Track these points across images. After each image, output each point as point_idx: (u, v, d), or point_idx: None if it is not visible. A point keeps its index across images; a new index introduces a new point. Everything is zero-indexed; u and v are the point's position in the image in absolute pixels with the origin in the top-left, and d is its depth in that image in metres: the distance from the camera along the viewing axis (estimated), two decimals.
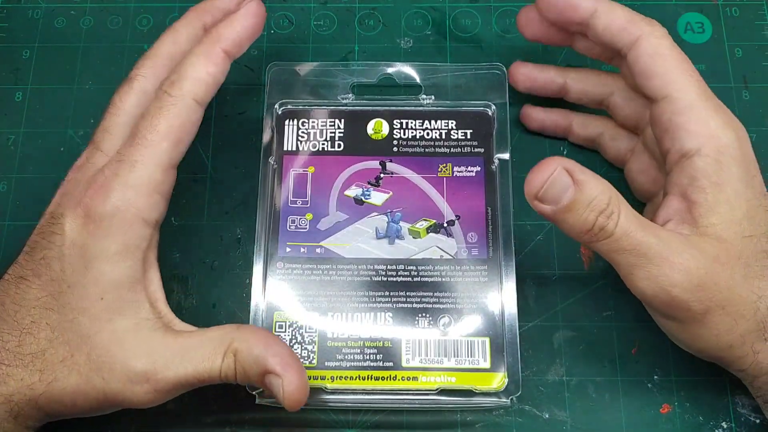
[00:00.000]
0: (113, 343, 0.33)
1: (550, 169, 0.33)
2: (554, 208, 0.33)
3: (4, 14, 0.49)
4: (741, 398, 0.41)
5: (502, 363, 0.39)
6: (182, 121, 0.35)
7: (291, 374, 0.33)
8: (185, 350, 0.34)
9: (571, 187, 0.33)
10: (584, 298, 0.43)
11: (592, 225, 0.33)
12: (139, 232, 0.35)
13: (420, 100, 0.44)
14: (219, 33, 0.37)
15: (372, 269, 0.41)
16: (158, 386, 0.33)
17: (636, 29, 0.37)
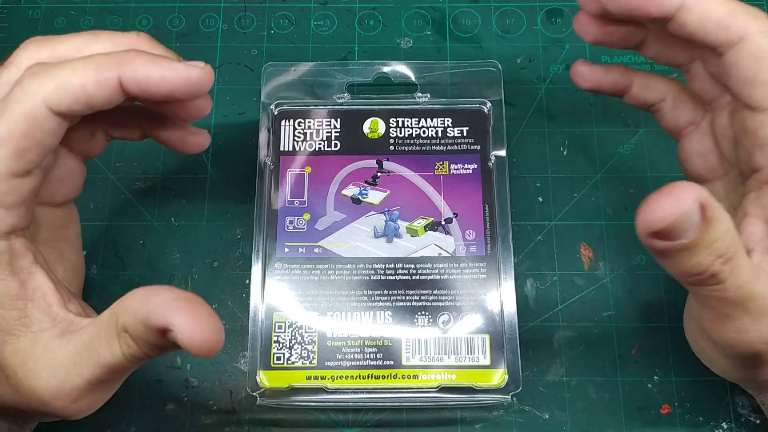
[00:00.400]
0: (17, 365, 0.30)
1: (685, 199, 0.26)
2: (669, 245, 0.27)
3: (4, 14, 0.49)
4: (741, 398, 0.40)
5: (502, 359, 0.39)
6: (28, 127, 0.29)
7: (180, 317, 0.27)
8: (84, 348, 0.29)
9: (697, 224, 0.26)
10: (584, 298, 0.43)
11: (706, 269, 0.27)
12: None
13: (416, 98, 0.44)
14: (131, 59, 0.30)
15: (370, 268, 0.41)
16: (73, 398, 0.30)
17: (739, 25, 0.30)
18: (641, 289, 0.43)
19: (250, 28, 0.49)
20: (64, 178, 0.35)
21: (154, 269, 0.43)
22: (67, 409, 0.30)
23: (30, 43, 0.32)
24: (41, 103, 0.29)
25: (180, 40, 0.48)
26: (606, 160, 0.45)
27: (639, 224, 0.27)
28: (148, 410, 0.41)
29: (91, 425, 0.40)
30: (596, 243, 0.44)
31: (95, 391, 0.31)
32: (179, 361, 0.42)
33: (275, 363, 0.39)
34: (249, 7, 0.49)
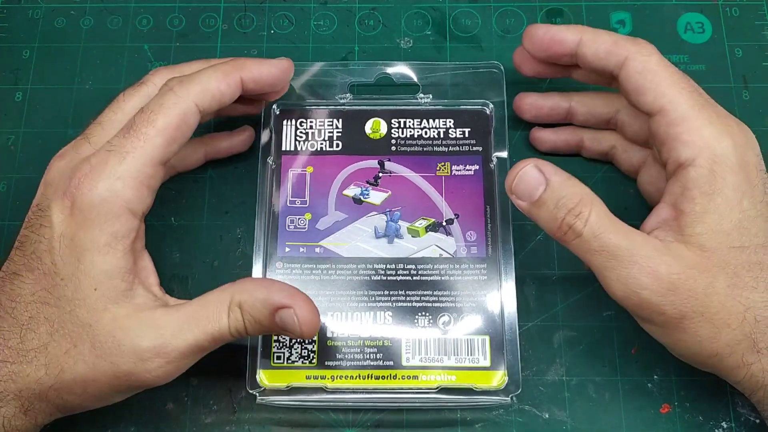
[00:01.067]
0: (116, 329, 0.34)
1: (522, 165, 0.35)
2: (527, 204, 0.36)
3: (4, 14, 0.49)
4: (741, 398, 0.41)
5: (502, 361, 0.39)
6: (180, 120, 0.36)
7: (300, 302, 0.34)
8: (189, 317, 0.34)
9: (542, 185, 0.35)
10: (584, 298, 0.43)
11: (560, 222, 0.34)
12: (126, 224, 0.35)
13: (418, 99, 0.44)
14: (244, 63, 0.39)
15: (371, 268, 0.41)
16: (170, 358, 0.33)
17: (622, 50, 0.37)
18: None
19: (250, 28, 0.49)
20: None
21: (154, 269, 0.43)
22: (160, 368, 0.34)
23: (161, 69, 0.40)
24: (191, 102, 0.36)
25: (180, 40, 0.48)
26: (606, 160, 0.45)
27: (506, 188, 0.36)
28: (148, 410, 0.41)
29: (92, 425, 0.40)
30: None
31: (187, 357, 0.34)
32: None
33: (275, 362, 0.39)
34: (249, 7, 0.49)
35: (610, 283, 0.34)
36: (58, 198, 0.35)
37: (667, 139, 0.36)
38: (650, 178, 0.42)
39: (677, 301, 0.33)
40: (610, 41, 0.37)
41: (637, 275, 0.33)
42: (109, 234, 0.34)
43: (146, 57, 0.48)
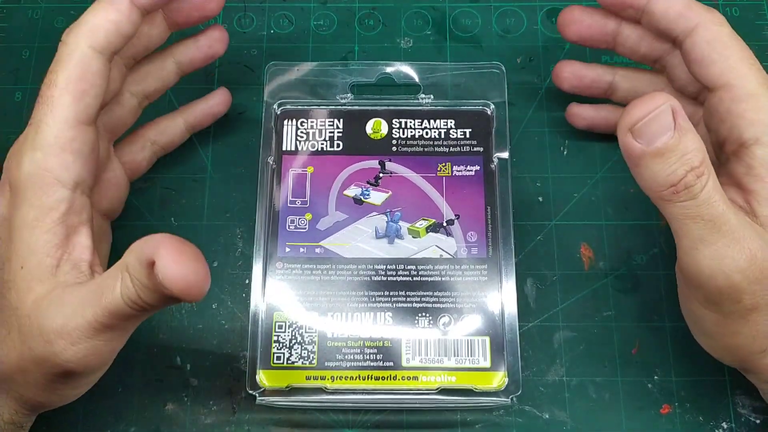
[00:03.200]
0: (33, 310, 0.31)
1: (657, 102, 0.30)
2: (645, 149, 0.30)
3: (3, 14, 0.49)
4: (741, 398, 0.40)
5: (503, 362, 0.39)
6: (81, 71, 0.33)
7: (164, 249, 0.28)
8: (90, 293, 0.31)
9: (671, 131, 0.30)
10: (584, 298, 0.43)
11: (679, 180, 0.30)
12: (55, 195, 0.33)
13: (419, 99, 0.44)
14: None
15: (371, 269, 0.41)
16: (73, 338, 0.30)
17: (695, 15, 0.35)
18: (641, 289, 0.43)
19: (250, 28, 0.49)
20: (111, 185, 0.39)
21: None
22: (67, 351, 0.30)
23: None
24: (85, 47, 0.33)
25: None
26: (606, 160, 0.45)
27: (620, 124, 0.31)
28: (148, 410, 0.41)
29: (92, 425, 0.40)
30: (596, 243, 0.44)
31: (95, 337, 0.31)
32: (179, 360, 0.42)
33: (275, 363, 0.39)
34: (249, 7, 0.49)
35: (700, 258, 0.31)
36: (1, 185, 0.35)
37: (729, 116, 0.34)
38: None
39: (758, 290, 0.31)
40: (684, 3, 0.36)
41: (737, 256, 0.31)
42: (36, 208, 0.32)
43: None
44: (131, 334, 0.33)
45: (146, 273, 0.28)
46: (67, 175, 0.33)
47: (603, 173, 0.45)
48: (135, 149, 0.41)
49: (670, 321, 0.42)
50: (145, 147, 0.42)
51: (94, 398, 0.40)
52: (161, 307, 0.30)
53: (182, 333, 0.42)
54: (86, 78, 0.33)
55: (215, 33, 0.41)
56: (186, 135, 0.43)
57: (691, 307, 0.35)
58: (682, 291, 0.36)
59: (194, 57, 0.41)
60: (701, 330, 0.35)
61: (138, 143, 0.41)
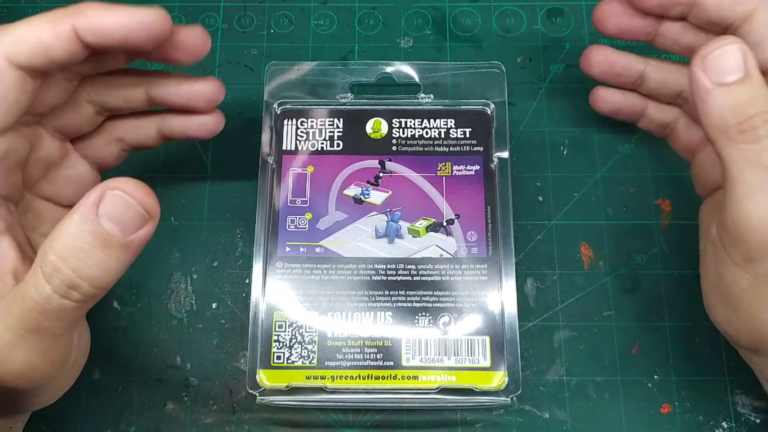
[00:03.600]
0: None
1: (728, 41, 0.31)
2: (712, 83, 0.31)
3: (3, 14, 0.49)
4: (741, 398, 0.41)
5: (503, 361, 0.39)
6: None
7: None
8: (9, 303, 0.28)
9: (741, 72, 0.30)
10: (584, 298, 0.43)
11: (747, 118, 0.30)
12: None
13: (419, 99, 0.44)
14: (85, 8, 0.31)
15: (371, 268, 0.41)
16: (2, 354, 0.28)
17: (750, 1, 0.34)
18: (641, 289, 0.43)
19: (250, 28, 0.49)
20: (72, 181, 0.37)
21: (154, 269, 0.43)
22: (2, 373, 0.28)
23: None
24: (1, 56, 0.30)
25: None
26: (606, 160, 0.45)
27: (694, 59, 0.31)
28: (148, 410, 0.41)
29: (92, 425, 0.40)
30: (596, 243, 0.44)
31: (23, 348, 0.28)
32: (179, 360, 0.42)
33: (275, 362, 0.39)
34: (249, 7, 0.49)
35: (751, 206, 0.30)
36: None
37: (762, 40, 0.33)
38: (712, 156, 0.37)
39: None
40: None
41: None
42: None
43: None
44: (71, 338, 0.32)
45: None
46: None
47: (603, 173, 0.45)
48: (99, 144, 0.38)
49: (670, 321, 0.42)
50: (110, 143, 0.38)
51: (94, 398, 0.41)
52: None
53: (182, 333, 0.42)
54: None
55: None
56: (159, 141, 0.40)
57: (723, 270, 0.34)
58: (716, 255, 0.35)
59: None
60: (727, 299, 0.34)
61: (102, 138, 0.38)
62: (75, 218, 0.27)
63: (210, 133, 0.39)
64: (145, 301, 0.43)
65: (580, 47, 0.46)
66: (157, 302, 0.43)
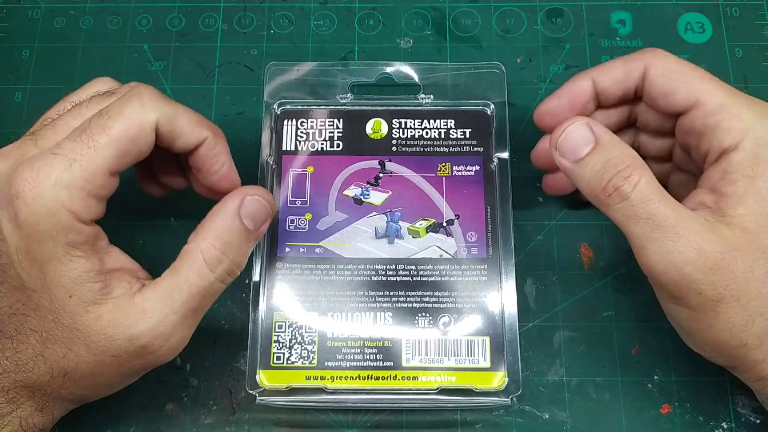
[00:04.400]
0: (104, 326, 0.33)
1: (571, 121, 0.34)
2: (570, 162, 0.34)
3: (3, 14, 0.49)
4: (741, 398, 0.40)
5: (502, 362, 0.39)
6: (137, 133, 0.33)
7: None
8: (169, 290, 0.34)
9: (590, 143, 0.34)
10: (584, 298, 0.43)
11: (607, 182, 0.33)
12: (79, 233, 0.32)
13: (419, 99, 0.44)
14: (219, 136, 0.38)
15: (371, 269, 0.41)
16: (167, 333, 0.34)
17: (637, 63, 0.37)
18: (641, 289, 0.43)
19: (250, 28, 0.49)
20: None
21: (154, 269, 0.43)
22: (163, 347, 0.34)
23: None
24: (153, 118, 0.34)
25: (180, 40, 0.48)
26: None
27: (550, 145, 0.35)
28: (148, 410, 0.41)
29: (92, 425, 0.40)
30: (596, 243, 0.44)
31: (183, 326, 0.34)
32: (179, 361, 0.42)
33: (275, 363, 0.39)
34: (249, 7, 0.49)
35: (649, 255, 0.33)
36: (2, 207, 0.32)
37: (707, 130, 0.35)
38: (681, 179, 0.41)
39: (717, 281, 0.32)
40: (620, 62, 0.37)
41: (682, 249, 0.32)
42: (63, 244, 0.32)
43: (146, 57, 0.48)
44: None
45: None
46: (88, 215, 0.33)
47: None
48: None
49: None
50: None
51: None
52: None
53: None
54: (137, 142, 0.33)
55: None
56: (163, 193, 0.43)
57: (665, 306, 0.36)
58: (655, 291, 0.36)
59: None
60: (680, 328, 0.36)
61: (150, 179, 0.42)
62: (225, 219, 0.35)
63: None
64: None
65: (580, 47, 0.47)
66: None
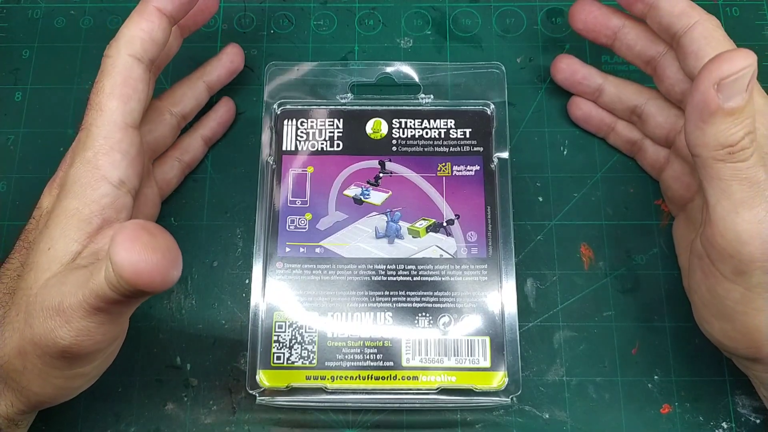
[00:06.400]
0: (41, 289, 0.32)
1: (748, 62, 0.31)
2: (721, 105, 0.31)
3: (4, 14, 0.49)
4: (741, 398, 0.41)
5: (503, 362, 0.39)
6: (124, 77, 0.36)
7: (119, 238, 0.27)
8: (83, 276, 0.31)
9: (744, 92, 0.31)
10: (584, 298, 0.43)
11: (738, 141, 0.31)
12: (100, 190, 0.35)
13: (419, 99, 0.44)
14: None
15: (371, 269, 0.41)
16: (67, 316, 0.31)
17: (695, 14, 0.36)
18: (641, 289, 0.43)
19: (250, 28, 0.49)
20: (148, 200, 0.42)
21: None
22: (61, 328, 0.31)
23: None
24: (125, 55, 0.36)
25: None
26: (606, 160, 0.45)
27: (706, 75, 0.31)
28: (148, 410, 0.41)
29: (92, 425, 0.40)
30: (596, 243, 0.44)
31: (86, 318, 0.31)
32: (179, 361, 0.42)
33: (275, 362, 0.39)
34: (249, 7, 0.49)
35: (738, 221, 0.32)
36: (49, 187, 0.39)
37: None
38: (674, 173, 0.41)
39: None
40: (687, 2, 0.37)
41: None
42: (79, 199, 0.34)
43: None
44: (126, 322, 0.35)
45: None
46: (115, 172, 0.35)
47: (603, 173, 0.45)
48: (166, 169, 0.44)
49: (670, 321, 0.42)
50: (173, 166, 0.44)
51: (94, 398, 0.41)
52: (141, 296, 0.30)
53: (182, 333, 0.42)
54: (129, 83, 0.36)
55: (234, 50, 0.46)
56: (204, 150, 0.46)
57: (714, 284, 0.35)
58: (705, 269, 0.36)
59: (220, 74, 0.45)
60: (721, 312, 0.35)
61: (167, 163, 0.44)
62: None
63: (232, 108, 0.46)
64: (145, 301, 0.43)
65: (580, 47, 0.47)
66: (157, 302, 0.43)
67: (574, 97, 0.45)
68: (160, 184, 0.43)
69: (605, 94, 0.44)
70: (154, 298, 0.43)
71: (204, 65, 0.45)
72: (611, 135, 0.45)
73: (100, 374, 0.36)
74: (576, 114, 0.45)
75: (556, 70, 0.45)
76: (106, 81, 0.36)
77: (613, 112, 0.44)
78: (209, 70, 0.45)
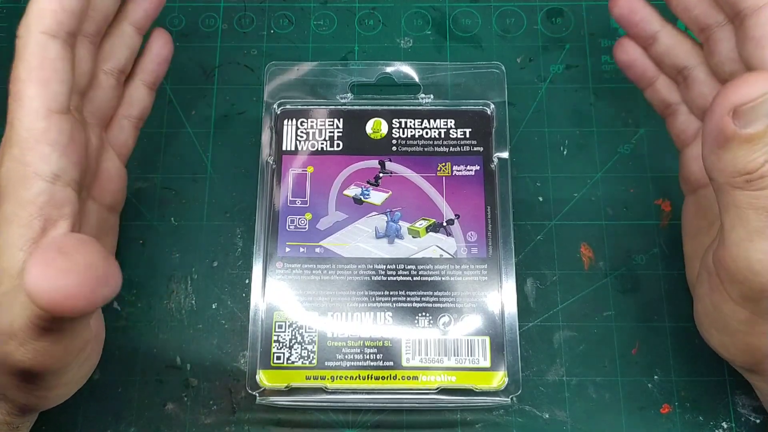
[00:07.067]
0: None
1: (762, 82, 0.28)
2: (738, 131, 0.28)
3: (4, 14, 0.49)
4: (741, 398, 0.40)
5: (503, 362, 0.39)
6: (39, 59, 0.31)
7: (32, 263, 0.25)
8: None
9: (765, 118, 0.28)
10: (584, 298, 0.43)
11: (757, 168, 0.29)
12: (33, 188, 0.31)
13: (419, 99, 0.44)
14: None
15: (371, 269, 0.41)
16: (20, 338, 0.28)
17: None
18: (641, 289, 0.43)
19: (250, 28, 0.49)
20: (112, 174, 0.39)
21: (154, 269, 0.43)
22: (17, 351, 0.29)
23: None
24: (37, 34, 0.32)
25: (180, 40, 0.48)
26: (606, 160, 0.45)
27: (722, 101, 0.28)
28: (148, 410, 0.41)
29: (92, 425, 0.40)
30: (596, 243, 0.44)
31: (39, 339, 0.29)
32: (179, 361, 0.42)
33: (275, 362, 0.39)
34: (249, 7, 0.49)
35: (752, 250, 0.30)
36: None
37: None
38: (698, 153, 0.37)
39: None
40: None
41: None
42: (14, 202, 0.31)
43: None
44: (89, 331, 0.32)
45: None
46: (46, 167, 0.31)
47: (603, 173, 0.45)
48: (116, 132, 0.40)
49: (670, 321, 0.42)
50: (124, 125, 0.40)
51: (94, 398, 0.41)
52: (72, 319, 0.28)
53: (182, 333, 0.42)
54: (46, 65, 0.31)
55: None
56: (151, 96, 0.42)
57: (720, 302, 0.34)
58: (713, 284, 0.34)
59: (146, 9, 0.40)
60: (723, 327, 0.34)
61: (116, 124, 0.40)
62: None
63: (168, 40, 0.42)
64: (145, 301, 0.43)
65: (580, 47, 0.47)
66: (157, 302, 0.43)
67: (623, 38, 0.41)
68: (117, 149, 0.40)
69: (659, 44, 0.40)
70: (154, 298, 0.43)
71: (124, 5, 0.39)
72: (649, 90, 0.42)
73: (90, 372, 0.35)
74: (621, 57, 0.42)
75: (614, 3, 0.40)
76: (21, 66, 0.31)
77: (660, 66, 0.41)
78: (132, 9, 0.39)
